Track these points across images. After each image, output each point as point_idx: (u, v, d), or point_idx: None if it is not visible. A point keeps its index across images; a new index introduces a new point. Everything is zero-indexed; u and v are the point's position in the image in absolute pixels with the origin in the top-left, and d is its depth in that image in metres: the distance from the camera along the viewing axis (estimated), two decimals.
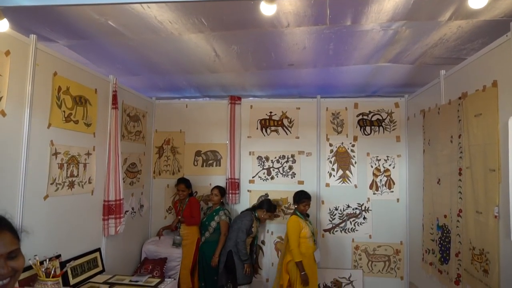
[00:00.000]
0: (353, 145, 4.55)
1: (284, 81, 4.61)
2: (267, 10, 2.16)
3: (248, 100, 4.89)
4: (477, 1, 2.07)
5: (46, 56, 2.67)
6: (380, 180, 4.47)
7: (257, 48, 3.55)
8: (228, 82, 4.67)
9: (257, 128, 4.73)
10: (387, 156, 4.47)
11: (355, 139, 4.55)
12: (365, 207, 4.47)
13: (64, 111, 2.86)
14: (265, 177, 4.67)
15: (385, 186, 4.45)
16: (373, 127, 4.54)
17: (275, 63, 3.90)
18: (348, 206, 4.49)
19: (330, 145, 4.58)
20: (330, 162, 4.56)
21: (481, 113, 2.47)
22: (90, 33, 3.18)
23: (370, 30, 3.05)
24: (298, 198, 3.93)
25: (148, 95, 4.79)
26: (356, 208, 4.48)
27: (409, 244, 4.26)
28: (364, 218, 4.46)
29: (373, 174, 4.48)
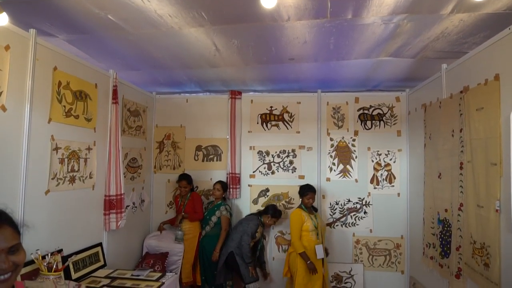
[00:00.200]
0: (353, 140, 4.54)
1: (285, 76, 4.60)
2: (267, 2, 2.15)
3: (249, 94, 4.88)
4: None
5: (46, 50, 2.65)
6: (381, 174, 4.47)
7: (257, 42, 3.54)
8: (229, 77, 4.66)
9: (257, 123, 4.72)
10: (388, 151, 4.47)
11: (355, 133, 4.54)
12: (366, 201, 4.47)
13: (64, 106, 2.85)
14: (265, 171, 4.67)
15: (386, 180, 4.45)
16: (374, 121, 4.53)
17: (275, 57, 3.89)
18: (349, 201, 4.50)
19: (331, 139, 4.57)
20: (331, 156, 4.56)
21: (482, 107, 2.46)
22: (90, 27, 3.16)
23: (371, 24, 3.03)
24: (302, 191, 3.98)
25: (148, 90, 4.78)
26: (357, 203, 4.48)
27: (410, 238, 4.26)
28: (365, 213, 4.46)
29: (374, 168, 4.48)
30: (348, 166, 4.53)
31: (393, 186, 4.43)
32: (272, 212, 4.19)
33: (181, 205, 4.38)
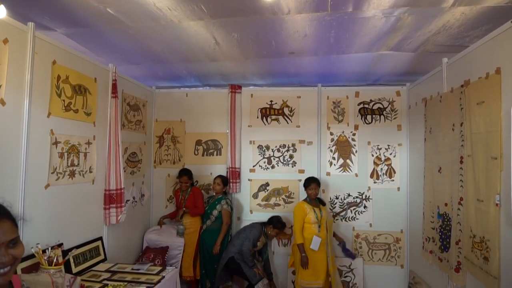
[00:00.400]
0: (354, 134, 4.53)
1: (285, 70, 4.58)
2: None
3: (249, 89, 4.86)
4: None
5: (45, 44, 2.64)
6: (381, 169, 4.47)
7: (257, 36, 3.52)
8: (228, 71, 4.64)
9: (257, 117, 4.71)
10: (388, 145, 4.46)
11: (356, 128, 4.53)
12: (366, 195, 4.47)
13: (63, 100, 2.84)
14: (265, 166, 4.67)
15: (386, 175, 4.45)
16: (374, 115, 4.52)
17: (275, 51, 3.87)
18: (349, 195, 4.50)
19: (331, 134, 4.57)
20: (331, 151, 4.56)
21: (483, 100, 2.45)
22: (89, 21, 3.14)
23: (372, 17, 3.01)
24: (305, 183, 4.06)
25: (148, 84, 4.76)
26: (357, 197, 4.49)
27: (410, 233, 4.27)
28: (365, 207, 4.47)
29: (374, 163, 4.48)
30: (348, 161, 4.53)
31: (393, 180, 4.43)
32: (274, 223, 4.17)
33: (182, 199, 4.38)
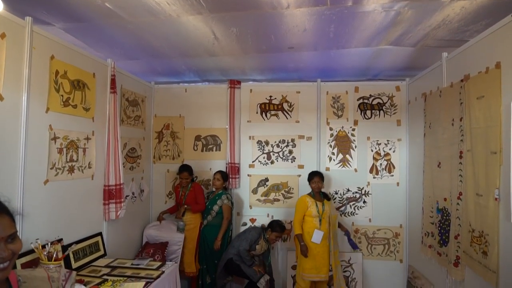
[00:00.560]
0: (353, 129, 4.53)
1: (284, 65, 4.56)
2: None
3: (248, 84, 4.84)
4: None
5: (43, 39, 2.62)
6: (380, 164, 4.47)
7: (256, 31, 3.50)
8: (228, 66, 4.62)
9: (257, 113, 4.70)
10: (387, 140, 4.46)
11: (355, 123, 4.53)
12: (365, 191, 4.48)
13: (62, 95, 2.83)
14: (265, 161, 4.67)
15: (385, 170, 4.46)
16: (373, 111, 4.51)
17: (275, 46, 3.85)
18: (348, 190, 4.50)
19: (330, 129, 4.56)
20: (330, 146, 4.55)
21: (483, 95, 2.44)
22: (87, 15, 3.12)
23: (372, 11, 2.99)
24: (308, 177, 4.08)
25: (147, 79, 4.75)
26: (356, 192, 4.49)
27: (409, 227, 4.28)
28: (364, 202, 4.47)
29: (373, 158, 4.48)
30: (347, 156, 4.53)
31: (392, 175, 4.44)
32: (273, 227, 4.14)
33: (182, 195, 4.37)
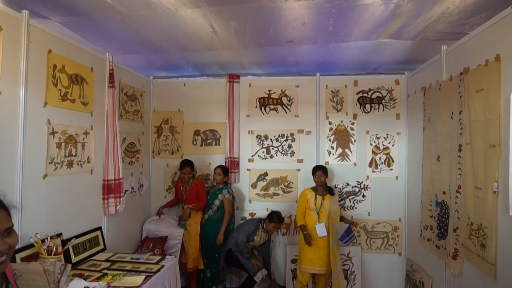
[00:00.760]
0: (352, 123, 4.52)
1: (283, 59, 4.54)
2: None
3: (247, 78, 4.83)
4: None
5: (40, 33, 2.60)
6: (380, 158, 4.47)
7: (255, 24, 3.47)
8: (226, 60, 4.60)
9: (256, 107, 4.69)
10: (386, 134, 4.46)
11: (354, 117, 4.52)
12: (364, 185, 4.48)
13: (60, 90, 2.82)
14: (264, 156, 4.66)
15: (385, 164, 4.46)
16: (373, 104, 4.51)
17: (273, 39, 3.83)
18: (347, 184, 4.51)
19: (330, 123, 4.56)
20: (330, 140, 4.55)
21: (483, 88, 2.44)
22: (84, 9, 3.10)
23: (371, 4, 2.97)
24: (312, 171, 4.08)
25: (145, 74, 4.73)
26: (355, 186, 4.50)
27: (408, 221, 4.29)
28: (363, 196, 4.48)
29: (373, 152, 4.48)
30: (346, 150, 4.53)
31: (391, 169, 4.44)
32: (270, 217, 4.13)
33: (183, 191, 4.35)
